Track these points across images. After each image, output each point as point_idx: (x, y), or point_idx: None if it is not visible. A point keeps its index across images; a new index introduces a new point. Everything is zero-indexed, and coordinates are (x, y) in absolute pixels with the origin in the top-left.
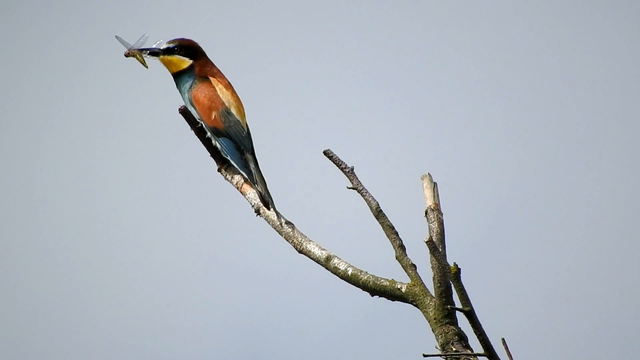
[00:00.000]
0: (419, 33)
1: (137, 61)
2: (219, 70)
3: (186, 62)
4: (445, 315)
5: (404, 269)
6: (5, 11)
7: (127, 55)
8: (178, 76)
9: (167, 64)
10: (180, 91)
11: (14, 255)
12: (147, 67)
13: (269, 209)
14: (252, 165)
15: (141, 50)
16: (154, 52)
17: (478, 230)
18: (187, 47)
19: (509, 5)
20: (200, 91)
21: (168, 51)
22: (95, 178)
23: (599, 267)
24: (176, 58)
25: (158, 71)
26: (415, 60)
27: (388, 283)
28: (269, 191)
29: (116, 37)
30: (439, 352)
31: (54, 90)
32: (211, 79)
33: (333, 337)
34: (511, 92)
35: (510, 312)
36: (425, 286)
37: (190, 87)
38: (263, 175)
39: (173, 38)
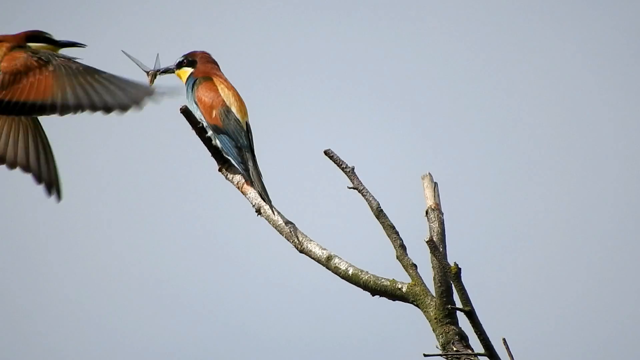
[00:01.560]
0: (419, 33)
1: (161, 74)
2: (222, 73)
3: (187, 71)
4: (445, 315)
5: (404, 268)
6: (6, 13)
7: (152, 82)
8: (186, 82)
9: (180, 77)
10: (186, 95)
11: None
12: (151, 85)
13: (265, 201)
14: (250, 164)
15: (158, 70)
16: (168, 70)
17: (479, 230)
18: (192, 58)
19: (508, 5)
20: (203, 90)
21: (178, 65)
22: (94, 177)
23: (600, 266)
24: (182, 70)
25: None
26: (416, 59)
27: (389, 283)
28: (267, 189)
29: (122, 51)
30: (440, 352)
31: None
32: (214, 78)
33: (333, 337)
34: (511, 91)
35: (510, 312)
36: (426, 286)
37: (193, 88)
38: (261, 173)
39: (186, 52)
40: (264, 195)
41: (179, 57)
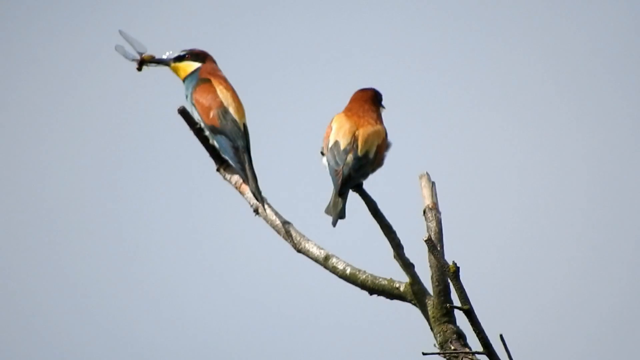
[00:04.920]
0: (417, 31)
1: (153, 64)
2: (222, 74)
3: (193, 65)
4: (443, 314)
5: (402, 268)
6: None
7: (140, 69)
8: (184, 81)
9: (177, 71)
10: (185, 94)
11: None
12: (168, 64)
13: (259, 203)
14: (246, 164)
15: (152, 57)
16: (162, 61)
17: (476, 229)
18: (197, 54)
19: (505, 6)
20: (201, 92)
21: (178, 59)
22: (93, 177)
23: (598, 263)
24: (185, 64)
25: (157, 72)
26: (413, 57)
27: (386, 282)
28: (260, 191)
29: (120, 31)
30: (438, 351)
31: (56, 90)
32: (212, 80)
33: (331, 337)
34: (509, 90)
35: (508, 310)
36: (423, 285)
37: (192, 89)
38: (256, 175)
39: (184, 49)
40: (258, 196)
41: (179, 52)
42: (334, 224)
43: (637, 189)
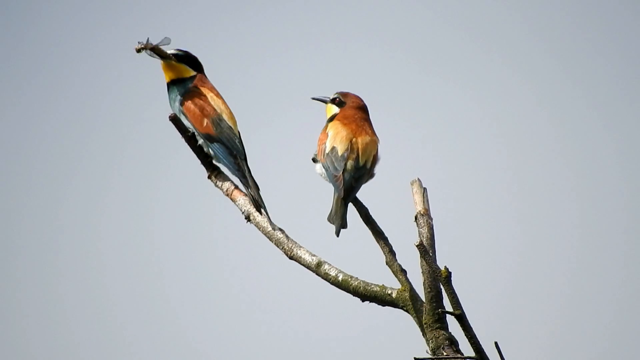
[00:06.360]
0: (409, 36)
1: (157, 54)
2: (212, 84)
3: (190, 72)
4: (435, 320)
5: (394, 274)
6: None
7: (139, 51)
8: (173, 84)
9: (171, 69)
10: (170, 99)
11: None
12: (170, 58)
13: (261, 213)
14: (245, 170)
15: (157, 45)
16: (165, 56)
17: (468, 234)
18: (196, 61)
19: (503, 6)
20: (191, 99)
21: (178, 58)
22: (84, 183)
23: (591, 268)
24: (183, 66)
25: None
26: (405, 64)
27: (378, 289)
28: (261, 196)
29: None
30: (430, 357)
31: (45, 91)
32: (201, 88)
33: (324, 343)
34: (499, 95)
35: (501, 315)
36: (415, 291)
37: (181, 96)
38: (255, 180)
39: (178, 48)
40: (260, 201)
41: (174, 49)
42: (337, 233)
43: (633, 198)
